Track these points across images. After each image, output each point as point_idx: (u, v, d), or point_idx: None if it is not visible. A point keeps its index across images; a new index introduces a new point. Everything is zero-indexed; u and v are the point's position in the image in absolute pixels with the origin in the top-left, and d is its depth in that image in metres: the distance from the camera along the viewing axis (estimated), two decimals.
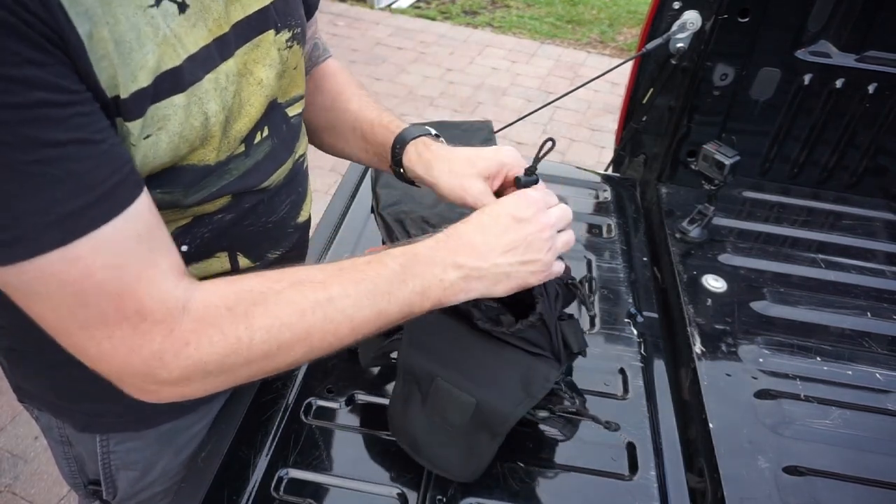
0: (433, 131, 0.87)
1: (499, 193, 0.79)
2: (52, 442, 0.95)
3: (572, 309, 1.10)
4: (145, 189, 0.56)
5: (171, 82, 0.58)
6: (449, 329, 0.82)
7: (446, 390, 0.78)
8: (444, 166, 0.80)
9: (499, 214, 0.71)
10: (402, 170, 0.85)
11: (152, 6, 0.56)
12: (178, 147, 0.61)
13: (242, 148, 0.71)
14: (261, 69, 0.70)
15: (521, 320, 0.79)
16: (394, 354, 0.90)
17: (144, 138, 0.58)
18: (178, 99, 0.59)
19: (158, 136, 0.59)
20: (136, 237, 0.54)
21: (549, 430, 0.89)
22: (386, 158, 0.87)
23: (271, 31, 0.71)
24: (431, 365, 0.80)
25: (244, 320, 0.58)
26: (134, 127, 0.56)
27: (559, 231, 0.74)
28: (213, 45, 0.63)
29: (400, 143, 0.85)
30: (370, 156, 0.91)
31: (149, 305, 0.55)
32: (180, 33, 0.59)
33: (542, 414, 0.80)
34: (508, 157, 0.79)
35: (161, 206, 0.66)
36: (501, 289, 0.71)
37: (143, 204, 0.56)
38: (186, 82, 0.60)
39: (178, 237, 0.71)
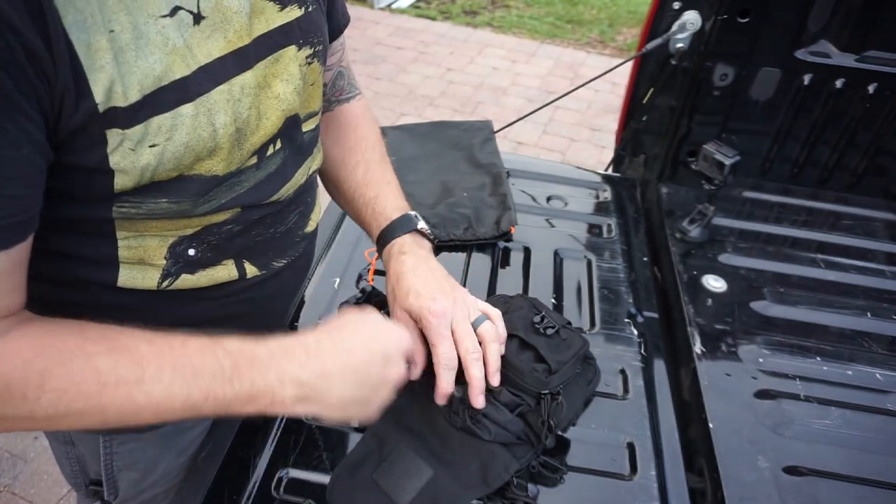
0: (419, 224, 0.89)
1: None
2: (53, 441, 0.95)
3: (573, 316, 1.11)
4: (30, 237, 0.56)
5: (179, 92, 0.59)
6: (426, 402, 0.83)
7: (409, 455, 0.78)
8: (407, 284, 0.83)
9: (372, 351, 0.68)
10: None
11: (165, 16, 0.57)
12: (182, 157, 0.62)
13: (255, 160, 0.72)
14: (279, 84, 0.71)
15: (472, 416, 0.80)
16: None
17: (150, 147, 0.59)
18: (186, 109, 0.60)
19: (165, 147, 0.60)
20: None
21: None
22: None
23: (293, 47, 0.72)
24: (400, 431, 0.82)
25: (37, 378, 0.56)
26: (133, 133, 0.57)
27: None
28: (230, 56, 0.64)
29: (382, 241, 0.89)
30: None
31: None
32: (192, 44, 0.60)
33: None
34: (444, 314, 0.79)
35: (169, 216, 0.67)
36: (327, 417, 0.68)
37: (19, 250, 0.55)
38: (194, 93, 0.60)
39: (185, 242, 0.71)
